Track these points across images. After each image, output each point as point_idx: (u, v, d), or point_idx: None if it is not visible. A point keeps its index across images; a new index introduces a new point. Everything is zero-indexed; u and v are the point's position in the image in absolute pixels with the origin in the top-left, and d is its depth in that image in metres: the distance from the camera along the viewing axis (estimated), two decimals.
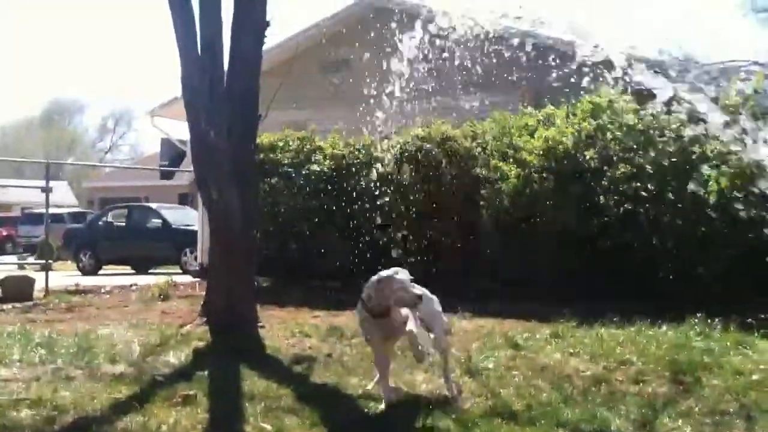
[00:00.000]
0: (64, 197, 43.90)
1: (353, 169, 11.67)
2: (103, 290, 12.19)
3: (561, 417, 4.62)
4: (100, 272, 19.90)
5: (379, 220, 11.16)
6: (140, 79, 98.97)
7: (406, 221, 11.03)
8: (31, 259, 23.83)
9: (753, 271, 8.18)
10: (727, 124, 8.84)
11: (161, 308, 9.79)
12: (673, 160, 8.83)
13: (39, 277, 12.04)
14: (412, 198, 10.95)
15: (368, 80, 14.39)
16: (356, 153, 11.76)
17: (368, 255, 11.15)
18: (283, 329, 7.82)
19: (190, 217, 19.71)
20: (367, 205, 11.30)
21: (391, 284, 4.86)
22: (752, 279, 8.26)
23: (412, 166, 11.01)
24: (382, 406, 4.89)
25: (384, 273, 4.94)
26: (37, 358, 6.32)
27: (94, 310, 9.83)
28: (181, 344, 6.91)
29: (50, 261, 13.64)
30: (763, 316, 7.86)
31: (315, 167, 11.88)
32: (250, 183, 8.07)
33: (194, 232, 16.43)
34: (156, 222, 20.52)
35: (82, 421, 4.62)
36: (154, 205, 22.65)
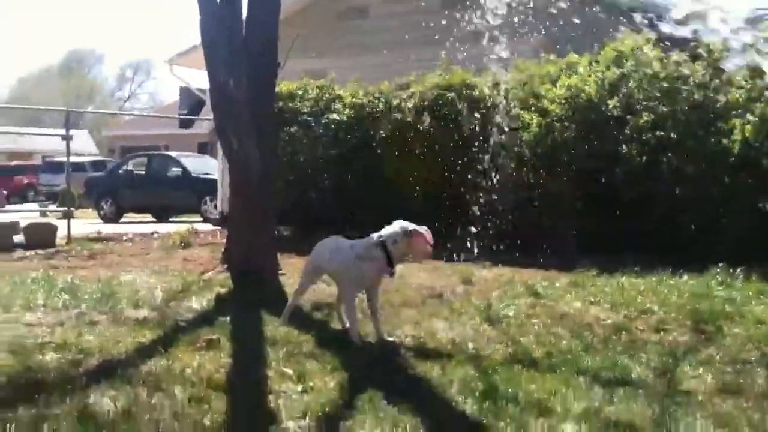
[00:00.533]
0: (84, 146, 44.10)
1: (373, 117, 11.59)
2: (124, 238, 12.29)
3: (581, 364, 4.63)
4: (121, 220, 20.05)
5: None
6: (158, 28, 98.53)
7: (426, 170, 10.97)
8: (52, 207, 24.02)
9: None
10: (753, 73, 8.72)
11: (182, 255, 9.85)
12: (697, 109, 8.70)
13: (61, 225, 12.14)
14: (431, 147, 10.88)
15: (386, 27, 14.30)
16: (375, 101, 11.66)
17: (386, 203, 11.13)
18: None
19: (210, 166, 19.75)
20: (386, 155, 11.25)
21: (421, 237, 5.09)
22: None
23: (431, 115, 10.93)
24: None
25: (410, 225, 5.15)
26: (60, 303, 6.41)
27: (116, 257, 9.92)
28: (203, 290, 6.98)
29: (72, 209, 13.73)
30: None
31: (334, 116, 11.81)
32: (269, 132, 8.05)
33: (214, 181, 16.47)
34: (176, 170, 20.58)
35: (107, 364, 4.69)
36: (174, 154, 22.69)
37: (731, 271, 7.09)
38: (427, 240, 5.09)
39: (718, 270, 7.14)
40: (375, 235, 5.24)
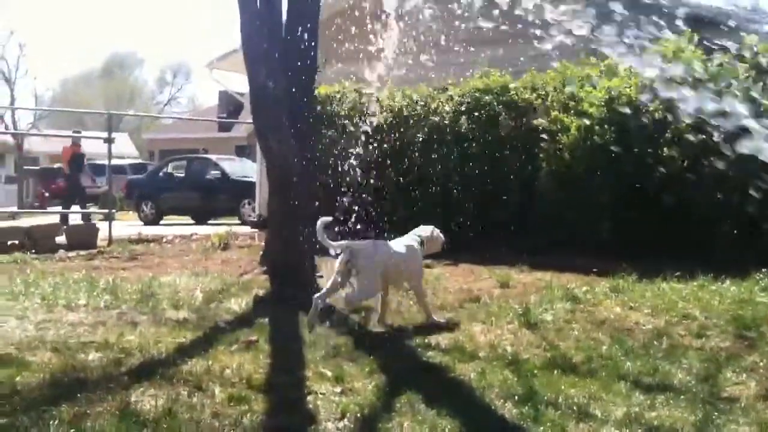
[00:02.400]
0: (125, 148, 44.67)
1: (410, 121, 11.59)
2: (164, 240, 12.42)
3: (621, 369, 4.59)
4: (161, 222, 20.27)
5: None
6: (198, 32, 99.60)
7: (463, 173, 10.95)
8: (94, 209, 24.36)
9: None
10: None
11: (221, 257, 9.94)
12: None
13: (102, 227, 12.31)
14: (469, 151, 10.86)
15: (426, 30, 14.27)
16: (413, 105, 11.66)
17: (425, 207, 11.13)
18: None
19: (248, 169, 19.89)
20: (424, 158, 11.25)
21: (440, 236, 6.35)
22: None
23: (469, 118, 10.90)
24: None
25: (429, 227, 6.36)
26: (102, 304, 6.50)
27: (156, 258, 10.03)
28: (242, 292, 7.03)
29: (113, 211, 13.91)
30: None
31: (372, 119, 11.83)
32: (309, 134, 8.09)
33: (252, 184, 16.59)
34: (215, 173, 20.76)
35: (147, 363, 4.75)
36: (213, 157, 22.90)
37: None
38: (443, 240, 6.38)
39: (761, 275, 7.02)
40: (413, 235, 6.25)
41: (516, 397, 4.10)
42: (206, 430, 3.68)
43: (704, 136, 8.76)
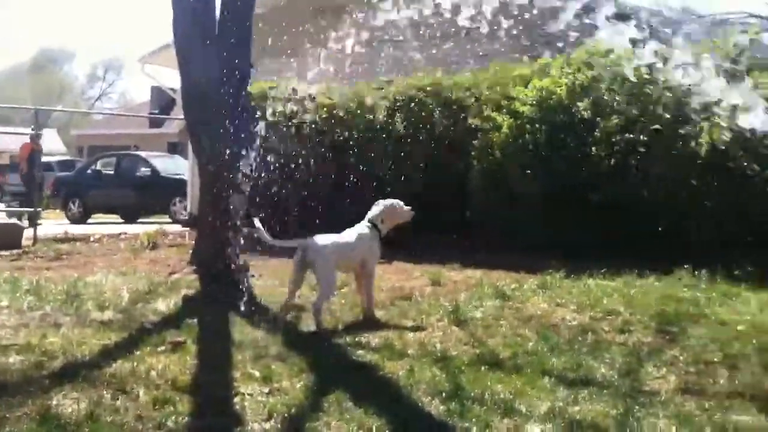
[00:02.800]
0: (53, 145, 43.58)
1: (346, 118, 11.57)
2: (91, 239, 12.16)
3: (547, 365, 4.67)
4: (89, 221, 19.85)
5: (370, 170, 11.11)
6: (130, 27, 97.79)
7: (398, 170, 10.99)
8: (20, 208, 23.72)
9: (742, 225, 8.20)
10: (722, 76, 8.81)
11: (150, 257, 9.78)
12: (665, 111, 8.78)
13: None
14: (404, 149, 10.90)
15: (363, 28, 14.27)
16: (349, 102, 11.64)
17: (359, 205, 11.13)
18: (273, 278, 7.82)
19: (180, 166, 19.61)
20: (359, 155, 11.25)
21: (400, 208, 6.33)
22: (741, 232, 8.28)
23: (404, 116, 10.94)
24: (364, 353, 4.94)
25: (382, 202, 6.31)
26: (25, 305, 6.33)
27: (82, 258, 9.82)
28: (170, 292, 6.93)
29: (39, 209, 13.55)
30: (750, 268, 7.91)
31: (307, 116, 11.77)
32: (241, 131, 8.00)
33: (184, 181, 16.37)
34: (145, 170, 20.41)
35: (71, 366, 4.64)
36: (143, 154, 22.50)
37: (696, 273, 7.17)
38: (404, 209, 6.30)
39: (684, 272, 7.22)
40: (367, 216, 6.25)
41: (443, 394, 4.13)
42: None
43: (632, 136, 8.98)
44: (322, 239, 5.98)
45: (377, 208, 6.30)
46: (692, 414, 3.88)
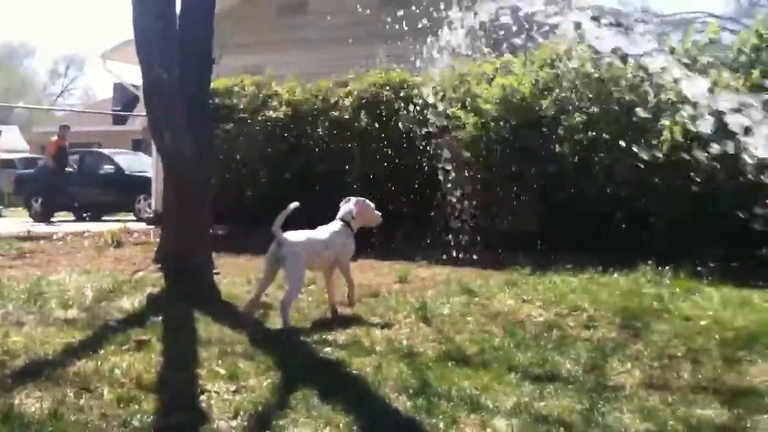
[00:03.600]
0: (15, 142, 42.94)
1: (310, 115, 11.54)
2: (54, 237, 12.00)
3: (513, 361, 4.69)
4: (52, 219, 19.57)
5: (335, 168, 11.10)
6: (92, 22, 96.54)
7: (364, 169, 10.99)
8: None
9: (705, 221, 8.32)
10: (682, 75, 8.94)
11: (114, 255, 9.68)
12: (628, 109, 8.88)
13: None
14: (370, 146, 10.90)
15: (326, 24, 14.25)
16: (313, 99, 11.62)
17: (325, 203, 11.12)
18: (240, 276, 7.79)
19: (144, 164, 19.43)
20: (324, 153, 11.24)
21: (370, 206, 6.38)
22: (703, 229, 8.40)
23: (369, 113, 10.94)
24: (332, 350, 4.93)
25: (351, 201, 6.34)
26: None
27: (45, 256, 9.68)
28: (135, 290, 6.86)
29: (1, 207, 13.36)
30: (712, 264, 8.04)
31: (271, 113, 11.73)
32: (205, 128, 7.94)
33: (148, 179, 16.21)
34: (109, 168, 20.19)
35: (33, 365, 4.57)
36: (106, 151, 22.25)
37: (660, 269, 7.26)
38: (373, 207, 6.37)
39: (648, 268, 7.30)
40: (338, 215, 6.29)
41: (410, 390, 4.13)
42: None
43: (594, 133, 9.07)
44: (295, 235, 5.94)
45: (348, 205, 6.32)
46: (656, 408, 3.92)
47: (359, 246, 9.75)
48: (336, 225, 6.23)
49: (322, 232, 6.16)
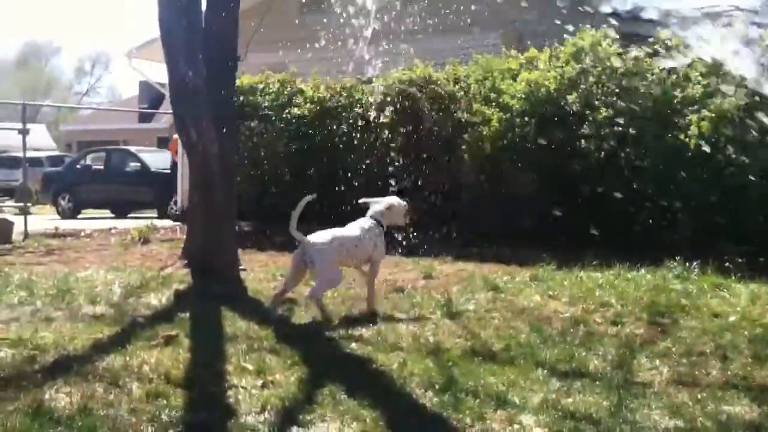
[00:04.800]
0: (41, 140, 43.31)
1: (335, 112, 11.56)
2: (82, 234, 12.13)
3: (539, 357, 4.67)
4: (79, 216, 19.77)
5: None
6: (118, 20, 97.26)
7: (387, 165, 10.98)
8: (9, 203, 23.62)
9: (732, 216, 8.23)
10: (709, 69, 8.86)
11: (141, 252, 9.76)
12: (654, 104, 8.81)
13: (18, 221, 11.94)
14: (393, 143, 10.89)
15: (350, 21, 14.25)
16: (338, 96, 11.63)
17: (349, 199, 11.14)
18: (265, 272, 7.83)
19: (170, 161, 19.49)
20: (349, 150, 11.24)
21: (402, 205, 6.29)
22: (731, 224, 8.32)
23: (394, 110, 10.92)
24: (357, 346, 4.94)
25: (384, 200, 6.28)
26: (16, 300, 6.32)
27: (73, 253, 9.78)
28: (162, 286, 6.91)
29: (29, 204, 13.50)
30: (740, 260, 7.96)
31: (296, 110, 11.76)
32: (230, 125, 8.00)
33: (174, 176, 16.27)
34: (135, 165, 20.31)
35: (62, 360, 4.62)
36: (132, 149, 22.39)
37: (687, 264, 7.20)
38: (407, 208, 6.29)
39: (675, 264, 7.24)
40: (369, 212, 6.21)
41: (436, 386, 4.13)
42: (122, 427, 3.59)
43: (621, 128, 9.00)
44: (323, 236, 5.93)
45: (380, 204, 6.26)
46: (685, 405, 3.89)
47: (384, 242, 9.81)
48: (367, 222, 6.18)
49: (353, 228, 6.13)
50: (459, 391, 4.04)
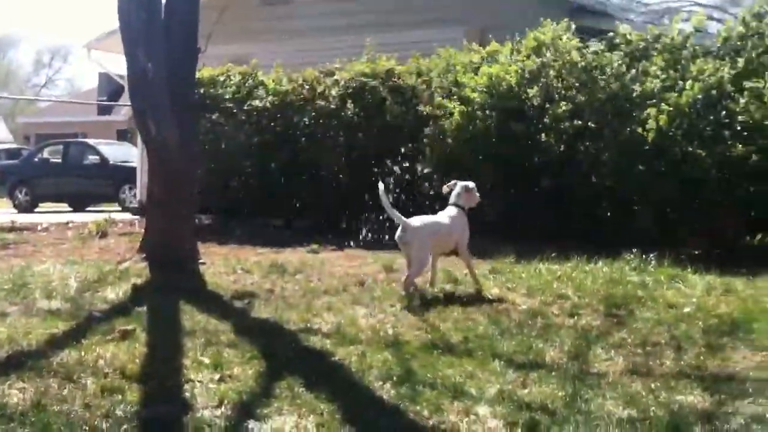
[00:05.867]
0: None
1: (297, 105, 11.49)
2: (39, 227, 11.92)
3: (497, 349, 4.71)
4: (37, 210, 19.47)
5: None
6: (77, 12, 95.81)
7: (351, 159, 10.97)
8: None
9: (689, 209, 8.35)
10: (667, 63, 8.98)
11: (99, 245, 9.62)
12: (613, 98, 8.90)
13: None
14: (357, 136, 10.88)
15: (311, 13, 14.20)
16: (300, 88, 11.56)
17: (310, 193, 11.12)
18: (225, 266, 7.76)
19: (129, 154, 19.33)
20: (310, 143, 11.20)
21: (473, 187, 6.59)
22: (688, 216, 8.44)
23: (355, 103, 10.91)
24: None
25: (460, 183, 6.57)
26: None
27: (29, 247, 9.60)
28: (120, 280, 6.82)
29: None
30: (696, 251, 8.09)
31: (257, 103, 11.67)
32: (190, 118, 7.92)
33: (133, 169, 16.12)
34: (93, 158, 20.07)
35: (17, 355, 4.57)
36: (91, 141, 22.12)
37: (644, 257, 7.28)
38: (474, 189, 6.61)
39: (632, 256, 7.32)
40: (451, 201, 6.53)
41: (395, 378, 4.15)
42: (77, 422, 3.56)
43: (580, 122, 9.08)
44: (421, 221, 6.34)
45: (456, 189, 6.56)
46: (639, 394, 3.95)
47: (347, 236, 9.81)
48: (452, 210, 6.51)
49: (443, 217, 6.48)
50: (417, 383, 4.07)
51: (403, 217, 6.26)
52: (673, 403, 3.83)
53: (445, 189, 6.69)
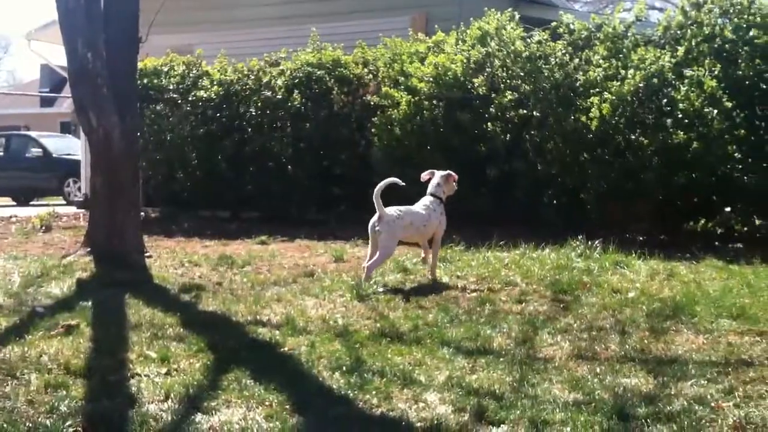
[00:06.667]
0: None
1: (242, 95, 11.39)
2: None
3: (446, 336, 4.74)
4: None
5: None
6: (16, 1, 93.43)
7: (298, 148, 10.91)
8: None
9: (633, 195, 8.49)
10: (609, 52, 9.11)
11: (43, 240, 9.44)
12: (557, 87, 8.99)
13: None
14: (304, 126, 10.82)
15: (256, 2, 14.04)
16: (245, 78, 11.46)
17: (257, 184, 11.03)
18: (172, 259, 7.69)
19: (73, 146, 19.00)
20: (257, 133, 11.11)
21: (452, 178, 6.60)
22: (631, 203, 8.58)
23: (302, 93, 10.85)
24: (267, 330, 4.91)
25: (438, 173, 6.59)
26: None
27: None
28: (64, 275, 6.70)
29: None
30: (640, 237, 8.23)
31: (202, 93, 11.53)
32: (132, 109, 7.79)
33: (77, 162, 15.84)
34: (36, 151, 19.68)
35: None
36: (34, 134, 21.67)
37: (590, 243, 7.38)
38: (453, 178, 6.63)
39: (578, 243, 7.42)
40: (429, 190, 6.55)
41: (344, 368, 4.15)
42: (20, 419, 3.48)
43: (525, 111, 9.17)
44: (396, 212, 6.36)
45: (435, 179, 6.57)
46: (584, 378, 4.01)
47: (296, 227, 9.75)
48: (428, 200, 6.53)
49: (419, 208, 6.49)
50: (366, 372, 4.07)
51: (383, 208, 6.28)
52: (617, 386, 3.89)
53: (423, 177, 6.68)
